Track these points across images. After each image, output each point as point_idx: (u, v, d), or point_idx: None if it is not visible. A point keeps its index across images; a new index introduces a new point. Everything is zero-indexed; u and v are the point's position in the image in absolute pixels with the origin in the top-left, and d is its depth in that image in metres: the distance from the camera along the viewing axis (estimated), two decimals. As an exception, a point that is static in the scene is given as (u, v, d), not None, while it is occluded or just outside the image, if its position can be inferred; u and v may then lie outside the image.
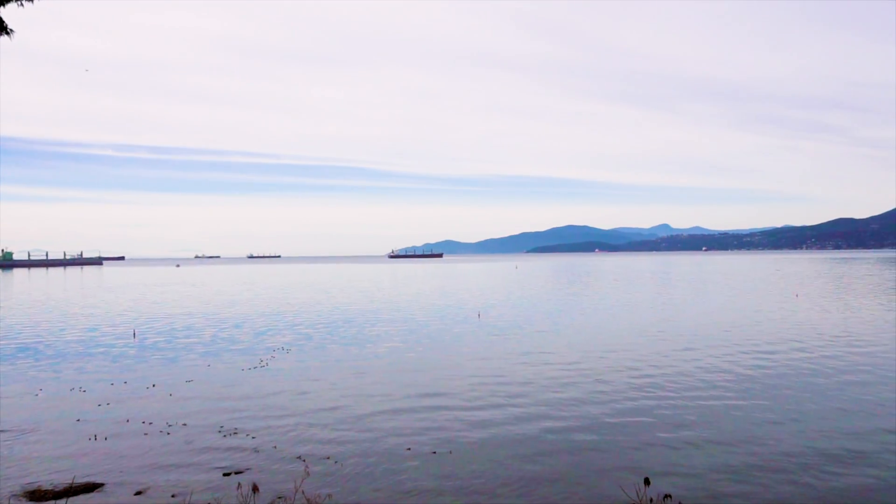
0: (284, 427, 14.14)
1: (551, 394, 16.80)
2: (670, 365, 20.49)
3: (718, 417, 14.32)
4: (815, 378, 18.27)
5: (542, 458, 11.86)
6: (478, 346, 25.26)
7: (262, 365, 21.84)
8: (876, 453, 11.73)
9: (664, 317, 35.08)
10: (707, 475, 10.84)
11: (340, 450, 12.52)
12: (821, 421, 13.90)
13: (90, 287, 79.59)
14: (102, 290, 72.40)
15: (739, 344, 24.64)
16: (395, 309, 42.31)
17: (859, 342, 24.68)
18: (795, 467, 11.13)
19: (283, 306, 45.74)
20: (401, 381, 18.71)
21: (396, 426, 14.05)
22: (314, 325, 33.19)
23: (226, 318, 37.48)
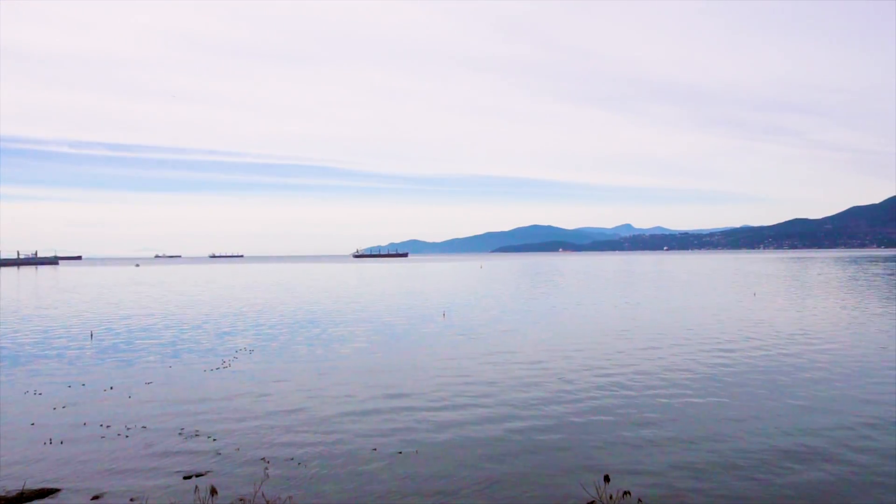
0: (247, 429, 13.96)
1: (516, 394, 16.88)
2: (633, 364, 20.76)
3: (679, 416, 14.55)
4: (774, 376, 18.68)
5: (507, 458, 11.91)
6: (443, 347, 25.27)
7: (225, 366, 21.53)
8: (833, 450, 12.02)
9: (627, 316, 35.52)
10: (667, 473, 11.00)
11: (304, 451, 12.41)
12: (779, 418, 14.20)
13: (45, 287, 77.60)
14: (58, 290, 70.64)
15: (700, 342, 25.07)
16: (360, 309, 42.11)
17: (815, 340, 25.31)
18: (754, 464, 11.36)
19: (245, 307, 45.18)
20: (366, 382, 18.62)
21: (361, 427, 13.98)
22: (277, 326, 32.85)
23: (187, 319, 36.88)
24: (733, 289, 58.01)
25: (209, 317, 38.06)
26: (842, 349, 23.12)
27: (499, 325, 31.94)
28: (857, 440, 12.53)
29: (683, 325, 30.75)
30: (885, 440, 12.51)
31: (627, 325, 31.02)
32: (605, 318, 34.85)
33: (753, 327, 29.64)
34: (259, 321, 35.23)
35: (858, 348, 23.20)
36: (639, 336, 27.23)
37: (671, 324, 31.56)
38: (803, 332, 27.87)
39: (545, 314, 37.41)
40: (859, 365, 20.07)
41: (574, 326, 31.39)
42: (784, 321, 31.90)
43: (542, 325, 32.29)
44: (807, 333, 27.29)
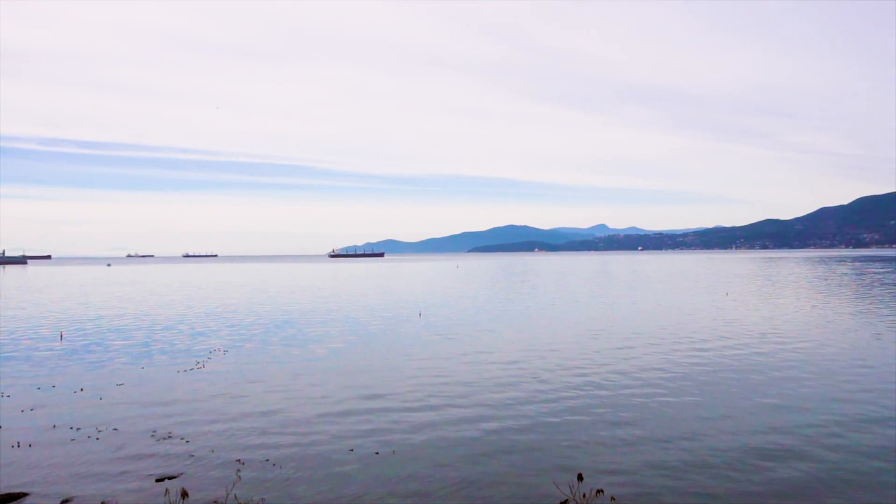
0: (221, 431, 13.82)
1: (492, 394, 16.92)
2: (607, 363, 20.91)
3: (653, 415, 14.68)
4: (746, 374, 18.93)
5: (483, 458, 11.93)
6: (419, 347, 25.24)
7: (199, 367, 21.30)
8: (804, 448, 12.21)
9: (602, 315, 35.77)
10: (641, 472, 11.09)
11: (279, 453, 12.31)
12: (751, 417, 14.40)
13: (13, 287, 76.15)
14: (27, 290, 69.36)
15: (673, 342, 25.33)
16: (336, 309, 41.91)
17: (786, 339, 25.69)
18: (727, 463, 11.50)
19: (219, 307, 44.74)
20: (342, 383, 18.53)
21: (337, 428, 13.91)
22: (252, 326, 32.58)
23: (160, 320, 36.42)
24: (706, 288, 58.70)
25: (182, 317, 37.63)
26: (812, 348, 23.50)
27: (475, 325, 31.99)
28: (827, 438, 12.74)
29: (657, 325, 31.04)
30: (854, 438, 12.74)
31: (602, 325, 31.24)
32: (580, 317, 35.07)
33: (726, 327, 30.02)
34: (233, 321, 34.91)
35: (828, 347, 23.60)
36: (613, 335, 27.44)
37: (645, 323, 31.85)
38: (775, 331, 28.29)
39: (521, 314, 37.54)
40: (829, 364, 20.41)
41: (549, 326, 31.54)
42: (756, 320, 32.35)
43: (517, 324, 32.40)
44: (778, 333, 27.71)
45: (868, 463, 11.34)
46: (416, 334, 28.92)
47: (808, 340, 25.38)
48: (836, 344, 24.39)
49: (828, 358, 21.43)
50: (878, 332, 27.33)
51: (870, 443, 12.42)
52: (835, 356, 21.75)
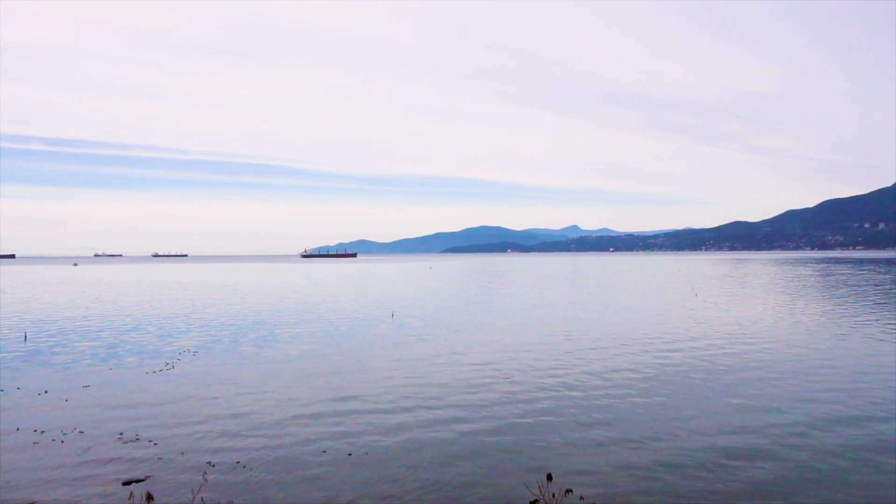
0: (190, 433, 13.64)
1: (465, 395, 16.93)
2: (578, 364, 21.05)
3: (624, 416, 14.81)
4: (715, 375, 19.18)
5: (456, 460, 11.92)
6: (392, 348, 25.17)
7: (168, 368, 21.00)
8: (772, 448, 12.39)
9: (573, 316, 36.01)
10: (611, 473, 11.17)
11: (250, 456, 12.18)
12: (720, 417, 14.59)
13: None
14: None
15: (644, 342, 25.59)
16: (308, 310, 41.63)
17: (754, 339, 26.10)
18: (695, 463, 11.63)
19: (189, 307, 44.17)
20: (314, 384, 18.40)
21: (309, 430, 13.80)
22: (223, 327, 32.22)
23: (128, 320, 35.84)
24: (676, 289, 59.42)
25: (151, 318, 37.08)
26: (779, 349, 23.90)
27: (447, 326, 32.00)
28: (794, 438, 12.95)
29: (628, 326, 31.34)
30: (821, 437, 12.97)
31: (573, 326, 31.45)
32: (552, 318, 35.26)
33: (696, 327, 30.41)
34: (203, 322, 34.49)
35: (795, 348, 24.01)
36: (584, 336, 27.63)
37: (616, 324, 32.13)
38: (743, 332, 28.72)
39: (493, 315, 37.64)
40: (796, 364, 20.78)
41: (521, 327, 31.66)
42: (725, 321, 32.82)
43: (490, 325, 32.47)
44: (746, 333, 28.14)
45: (834, 462, 11.56)
46: (389, 335, 28.84)
47: (776, 341, 25.81)
48: (803, 344, 24.84)
49: (794, 358, 21.81)
50: (843, 333, 27.89)
51: (836, 442, 12.66)
52: (801, 356, 22.14)
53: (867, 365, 20.50)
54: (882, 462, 11.54)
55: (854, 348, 23.84)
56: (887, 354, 22.39)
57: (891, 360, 21.34)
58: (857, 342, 25.32)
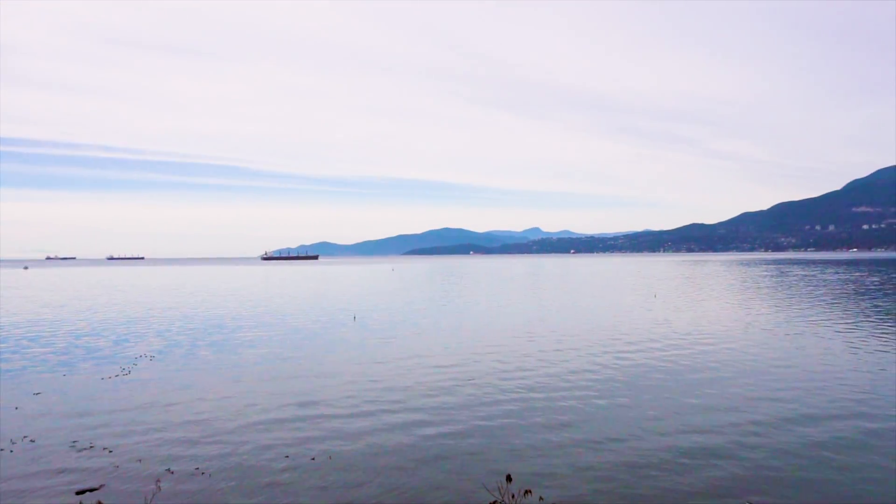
0: (149, 440, 13.34)
1: (428, 399, 16.89)
2: (539, 367, 21.18)
3: (584, 417, 14.94)
4: (674, 375, 19.49)
5: (419, 465, 11.88)
6: (354, 351, 25.00)
7: (124, 374, 20.53)
8: (728, 448, 12.61)
9: (535, 318, 36.24)
10: (572, 475, 11.25)
11: (210, 463, 11.96)
12: (678, 417, 14.82)
13: (-79, 291, 71.71)
14: (-64, 294, 65.42)
15: (604, 344, 25.88)
16: (269, 313, 41.12)
17: (711, 340, 26.60)
18: (653, 463, 11.79)
19: (146, 311, 43.26)
20: (275, 390, 18.17)
21: (271, 436, 13.61)
22: (181, 332, 31.63)
23: (81, 325, 34.94)
24: (636, 291, 60.28)
25: (106, 322, 36.20)
26: (736, 348, 24.39)
27: (410, 329, 31.93)
28: (750, 437, 13.21)
29: (589, 327, 31.66)
30: (777, 436, 13.26)
31: (535, 328, 31.65)
32: (514, 320, 35.43)
33: (655, 328, 30.87)
34: (161, 326, 33.81)
35: (750, 347, 24.53)
36: (546, 338, 27.82)
37: (577, 325, 32.43)
38: (700, 332, 29.26)
39: (456, 317, 37.67)
40: (751, 364, 21.23)
41: (484, 329, 31.75)
42: (683, 322, 33.39)
43: (452, 328, 32.48)
44: (703, 334, 28.67)
45: (791, 461, 11.81)
46: (351, 338, 28.65)
47: (733, 341, 26.34)
48: (759, 344, 25.40)
49: (751, 358, 22.28)
50: (796, 333, 28.60)
51: (792, 441, 12.94)
52: (756, 356, 22.64)
53: (820, 364, 21.05)
54: (838, 460, 11.85)
55: (807, 348, 24.46)
56: (838, 353, 23.03)
57: (842, 359, 21.95)
58: (809, 342, 25.99)
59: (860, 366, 20.65)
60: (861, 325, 31.00)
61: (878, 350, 23.68)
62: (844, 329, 29.74)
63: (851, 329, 29.71)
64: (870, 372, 19.64)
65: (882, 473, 11.15)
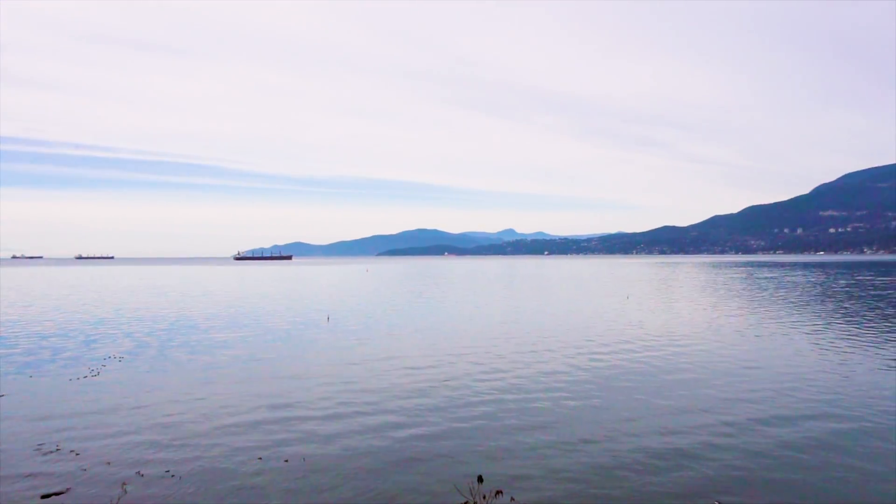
0: (117, 443, 13.13)
1: (402, 401, 16.86)
2: (513, 369, 21.25)
3: (557, 419, 15.00)
4: (645, 377, 19.67)
5: (392, 468, 11.85)
6: (328, 352, 24.86)
7: (93, 375, 20.19)
8: (699, 450, 12.75)
9: (509, 319, 36.36)
10: (544, 477, 11.30)
11: (181, 466, 11.81)
12: (650, 419, 14.95)
13: None
14: None
15: (576, 345, 26.04)
16: (241, 314, 40.73)
17: (682, 341, 26.91)
18: (625, 465, 11.89)
19: (116, 312, 42.59)
20: (248, 391, 17.99)
21: (243, 439, 13.47)
22: (152, 332, 31.18)
23: (49, 325, 34.27)
24: (609, 292, 60.78)
25: (74, 323, 35.56)
26: (707, 350, 24.71)
27: (384, 330, 31.83)
28: (721, 438, 13.38)
29: (562, 329, 31.83)
30: (746, 437, 13.44)
31: (509, 329, 31.76)
32: (489, 321, 35.51)
33: (627, 330, 31.13)
34: (131, 327, 33.30)
35: (720, 349, 24.86)
36: (519, 339, 27.92)
37: (551, 327, 32.59)
38: (672, 334, 29.59)
39: (429, 318, 37.65)
40: (721, 365, 21.51)
41: (457, 330, 31.76)
42: (655, 323, 33.74)
43: (426, 329, 32.45)
44: (675, 335, 29.00)
45: (760, 461, 11.99)
46: (325, 339, 28.49)
47: (704, 342, 26.67)
48: (729, 345, 25.74)
49: (721, 359, 22.58)
50: (765, 334, 29.05)
51: (761, 441, 13.14)
52: (727, 358, 22.94)
53: (789, 365, 21.40)
54: (807, 460, 12.04)
55: (776, 349, 24.86)
56: (807, 355, 23.44)
57: (810, 360, 22.34)
58: (779, 343, 26.41)
59: (828, 367, 21.05)
60: (829, 328, 31.60)
61: (846, 352, 24.15)
62: (812, 331, 30.29)
63: (819, 331, 30.27)
64: (837, 373, 20.02)
65: (851, 474, 11.37)
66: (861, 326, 31.95)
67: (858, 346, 25.63)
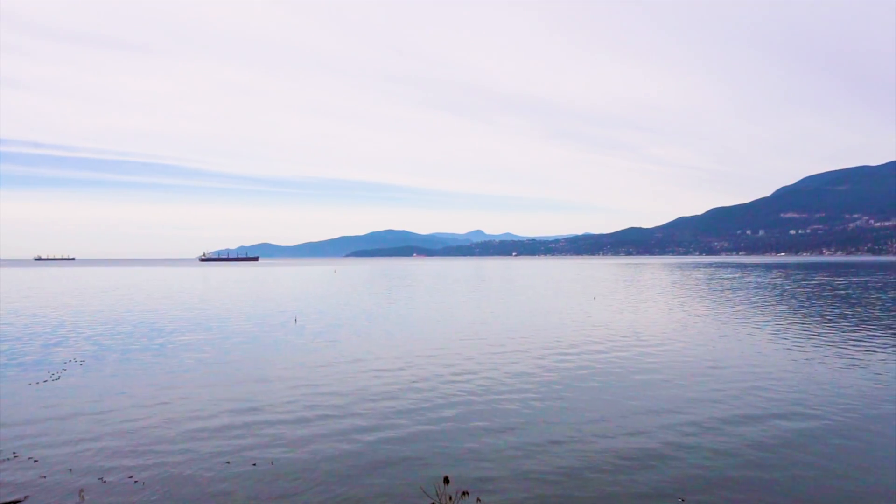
0: (79, 450, 12.86)
1: (370, 403, 16.79)
2: (481, 370, 21.31)
3: (524, 421, 15.07)
4: (611, 378, 19.87)
5: (360, 471, 11.79)
6: (295, 355, 24.66)
7: (54, 379, 19.75)
8: (664, 450, 12.90)
9: (477, 320, 36.45)
10: (511, 479, 11.34)
11: (145, 472, 11.60)
12: (616, 420, 15.09)
13: None
14: None
15: (544, 346, 26.21)
16: (207, 316, 40.18)
17: (648, 342, 27.24)
18: (592, 466, 11.99)
19: (77, 314, 41.70)
20: (214, 395, 17.75)
21: (209, 444, 13.29)
22: (115, 336, 30.59)
23: (7, 329, 33.42)
24: (576, 293, 61.30)
25: (33, 326, 34.71)
26: (672, 349, 25.07)
27: (352, 331, 31.68)
28: (685, 438, 13.56)
29: (530, 330, 32.01)
30: (712, 437, 13.63)
31: (476, 330, 31.84)
32: (457, 322, 35.56)
33: (594, 330, 31.43)
34: (93, 331, 32.63)
35: (685, 349, 25.23)
36: (487, 341, 28.01)
37: (518, 328, 32.76)
38: (638, 334, 29.95)
39: (398, 319, 37.57)
40: (686, 365, 21.84)
41: (425, 332, 31.76)
42: (621, 324, 34.11)
43: (394, 330, 32.38)
44: (640, 336, 29.36)
45: (725, 461, 12.16)
46: (292, 341, 28.26)
47: (669, 342, 27.06)
48: (694, 345, 26.15)
49: (687, 359, 22.92)
50: (728, 334, 29.55)
51: (726, 441, 13.33)
52: (692, 358, 23.29)
53: (753, 365, 21.79)
54: (772, 459, 12.26)
55: (740, 349, 25.30)
56: (770, 354, 23.92)
57: (773, 359, 22.78)
58: (743, 343, 26.90)
59: (792, 367, 21.48)
60: (791, 327, 32.29)
61: (808, 351, 24.67)
62: (775, 331, 30.91)
63: (782, 331, 30.91)
64: (801, 373, 20.45)
65: (815, 472, 11.59)
66: (822, 326, 32.71)
67: (820, 345, 26.23)
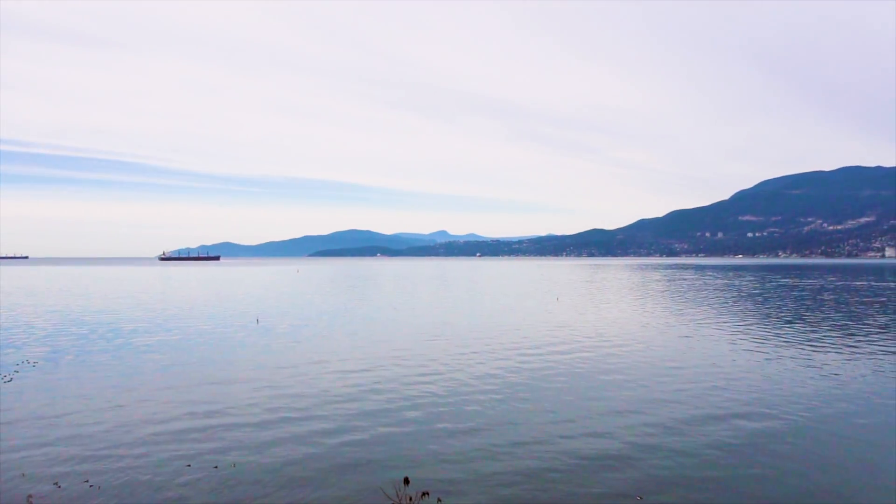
0: (32, 455, 12.55)
1: (333, 406, 16.71)
2: (445, 372, 21.36)
3: (488, 423, 15.14)
4: (574, 379, 20.08)
5: (324, 474, 11.73)
6: (257, 356, 24.40)
7: (5, 381, 19.26)
8: (627, 451, 13.06)
9: (441, 321, 36.51)
10: (473, 481, 11.38)
11: (103, 477, 11.37)
12: (579, 421, 15.25)
13: None
14: None
15: (507, 348, 26.38)
16: (167, 317, 39.51)
17: (611, 343, 27.59)
18: (554, 468, 12.10)
19: (31, 314, 40.64)
20: (174, 398, 17.48)
21: (169, 448, 13.08)
22: (70, 336, 29.90)
23: (-44, 329, 32.38)
24: (539, 294, 61.77)
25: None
26: (634, 350, 25.43)
27: (314, 332, 31.47)
28: (647, 439, 13.76)
29: (494, 331, 32.17)
30: (672, 437, 13.86)
31: (441, 331, 31.89)
32: (420, 323, 35.57)
33: (557, 331, 31.72)
34: (48, 331, 31.84)
35: (648, 350, 25.61)
36: (451, 342, 28.07)
37: (482, 329, 32.89)
38: (601, 335, 30.32)
39: (361, 320, 37.43)
40: (647, 366, 22.18)
41: (389, 333, 31.70)
42: (584, 325, 34.49)
43: (357, 331, 32.24)
44: (604, 336, 29.73)
45: (685, 461, 12.37)
46: (254, 342, 27.96)
47: (630, 343, 27.45)
48: (655, 347, 26.56)
49: (648, 361, 23.27)
50: (688, 335, 30.12)
51: (686, 441, 13.55)
52: (654, 358, 23.66)
53: (713, 366, 22.20)
54: (731, 459, 12.49)
55: (700, 350, 25.79)
56: (728, 355, 24.42)
57: (732, 360, 23.25)
58: (703, 344, 27.43)
59: (752, 367, 21.96)
60: (751, 328, 33.03)
61: (767, 351, 25.25)
62: (735, 331, 31.58)
63: (741, 331, 31.58)
64: (760, 373, 20.89)
65: (774, 471, 11.82)
66: (780, 327, 33.52)
67: (779, 345, 26.86)
